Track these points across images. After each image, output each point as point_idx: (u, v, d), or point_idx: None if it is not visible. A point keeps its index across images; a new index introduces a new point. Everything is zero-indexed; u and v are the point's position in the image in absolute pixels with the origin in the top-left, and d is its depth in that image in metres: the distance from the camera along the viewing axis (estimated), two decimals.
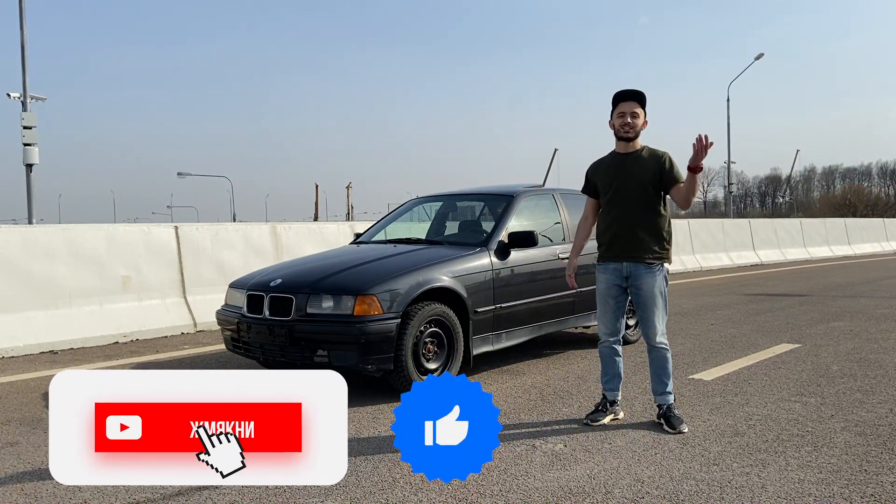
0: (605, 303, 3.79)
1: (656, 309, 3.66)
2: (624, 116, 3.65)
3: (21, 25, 14.98)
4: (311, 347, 4.21)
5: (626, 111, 3.65)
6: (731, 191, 37.17)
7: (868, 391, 4.35)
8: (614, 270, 3.72)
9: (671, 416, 3.65)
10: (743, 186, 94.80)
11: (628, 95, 3.67)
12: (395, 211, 6.39)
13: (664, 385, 3.72)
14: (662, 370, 3.72)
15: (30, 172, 15.54)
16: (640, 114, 3.67)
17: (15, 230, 6.49)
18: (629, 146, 3.72)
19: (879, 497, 2.73)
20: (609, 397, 3.84)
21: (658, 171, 3.64)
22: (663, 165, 3.65)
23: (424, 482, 2.91)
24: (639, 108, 3.66)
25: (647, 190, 3.65)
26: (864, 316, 7.72)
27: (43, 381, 4.94)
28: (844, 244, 21.43)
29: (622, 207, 3.68)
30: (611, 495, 2.77)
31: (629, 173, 3.68)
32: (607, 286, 3.76)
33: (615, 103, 3.70)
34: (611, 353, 3.84)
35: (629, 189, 3.66)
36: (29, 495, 2.85)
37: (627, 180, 3.67)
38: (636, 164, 3.68)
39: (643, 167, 3.66)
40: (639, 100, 3.67)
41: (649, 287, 3.64)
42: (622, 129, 3.67)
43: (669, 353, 3.75)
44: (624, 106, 3.66)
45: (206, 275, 7.48)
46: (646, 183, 3.64)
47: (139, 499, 2.78)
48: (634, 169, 3.67)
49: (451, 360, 4.50)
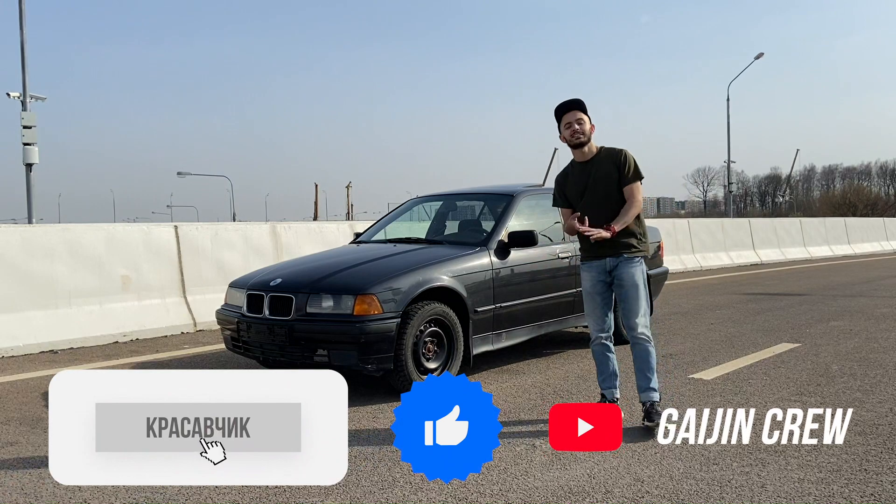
0: (591, 300, 3.87)
1: (638, 299, 3.74)
2: (571, 126, 3.74)
3: (21, 25, 14.97)
4: (310, 347, 4.21)
5: (571, 120, 3.74)
6: (730, 190, 37.17)
7: (868, 391, 4.35)
8: (598, 267, 3.81)
9: (653, 412, 3.63)
10: (743, 186, 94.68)
11: (568, 106, 3.77)
12: (394, 210, 6.39)
13: (648, 380, 3.72)
14: (646, 364, 3.74)
15: (30, 172, 15.53)
16: (584, 119, 3.75)
17: (15, 230, 6.49)
18: (586, 153, 3.82)
19: (879, 497, 2.73)
20: (608, 396, 3.87)
21: (616, 170, 3.76)
22: (620, 163, 3.76)
23: (425, 482, 2.91)
24: (581, 114, 3.75)
25: (614, 191, 3.76)
26: (864, 315, 7.72)
27: (43, 381, 4.94)
28: (844, 244, 21.42)
29: (595, 212, 3.74)
30: (611, 495, 2.77)
31: (593, 179, 3.79)
32: (592, 283, 3.84)
33: (558, 117, 3.80)
34: (603, 351, 3.88)
35: (598, 194, 3.78)
36: (29, 495, 2.85)
37: (594, 186, 3.78)
38: (597, 168, 3.79)
39: (605, 170, 3.78)
40: (579, 107, 3.76)
41: (630, 277, 3.73)
42: (573, 138, 3.76)
43: (653, 347, 3.77)
44: (567, 117, 3.76)
45: (205, 274, 7.48)
46: (611, 185, 3.76)
47: (139, 499, 2.78)
48: (597, 174, 3.79)
49: (450, 360, 4.50)
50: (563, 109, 3.78)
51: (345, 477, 2.93)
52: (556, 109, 3.80)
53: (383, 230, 6.05)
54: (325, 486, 2.85)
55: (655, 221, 13.97)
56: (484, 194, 6.02)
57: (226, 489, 2.86)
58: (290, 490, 2.84)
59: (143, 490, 2.86)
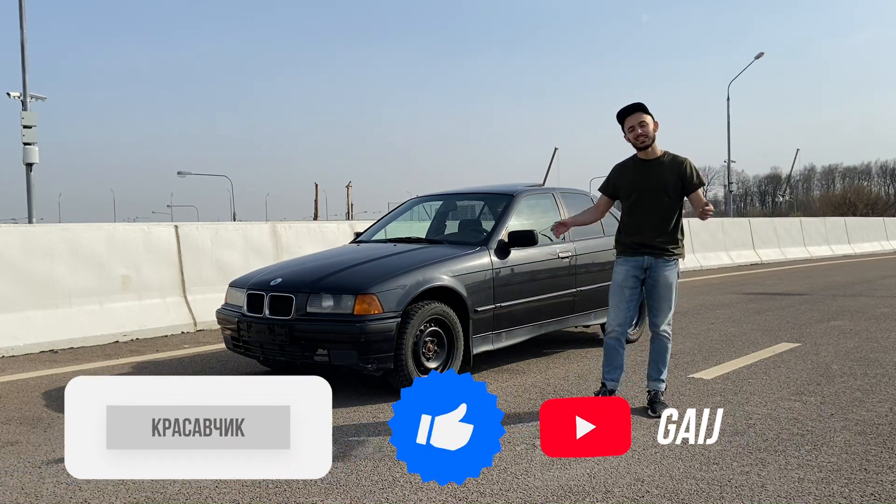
0: (620, 292, 3.98)
1: (668, 299, 3.92)
2: (634, 129, 3.87)
3: (21, 25, 14.97)
4: (311, 347, 4.21)
5: (634, 123, 3.87)
6: (731, 190, 37.16)
7: (868, 390, 4.35)
8: (634, 263, 3.95)
9: (657, 401, 3.90)
10: (743, 185, 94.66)
11: (631, 110, 3.89)
12: (395, 210, 6.39)
13: (659, 372, 3.97)
14: (661, 358, 3.97)
15: (30, 172, 15.53)
16: (647, 121, 3.88)
17: (15, 229, 6.49)
18: (649, 153, 3.94)
19: (879, 496, 2.73)
20: (609, 386, 4.01)
21: (679, 177, 3.90)
22: (684, 172, 3.91)
23: (424, 481, 2.91)
24: (644, 115, 3.88)
25: (669, 195, 3.90)
26: (864, 315, 7.72)
27: (43, 381, 4.95)
28: (844, 243, 21.42)
29: (645, 210, 3.92)
30: (611, 495, 2.77)
31: (652, 180, 3.92)
32: (625, 276, 3.96)
33: (621, 121, 3.94)
34: (616, 345, 4.00)
35: (652, 195, 3.91)
36: (29, 495, 2.85)
37: (650, 186, 3.92)
38: (658, 170, 3.92)
39: (665, 174, 3.91)
40: (641, 109, 3.89)
41: (665, 279, 3.90)
42: (638, 141, 3.89)
43: (671, 344, 4.00)
44: (630, 120, 3.88)
45: (206, 274, 7.48)
46: (668, 189, 3.90)
47: (139, 499, 2.79)
48: (657, 176, 3.91)
49: (451, 360, 4.50)
50: (625, 113, 3.91)
51: (345, 476, 2.95)
52: (619, 114, 3.93)
53: (383, 230, 6.05)
54: (325, 486, 2.86)
55: None
56: (484, 194, 6.02)
57: (225, 489, 2.86)
58: (289, 490, 2.84)
59: (144, 489, 2.87)
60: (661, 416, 3.58)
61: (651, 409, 3.87)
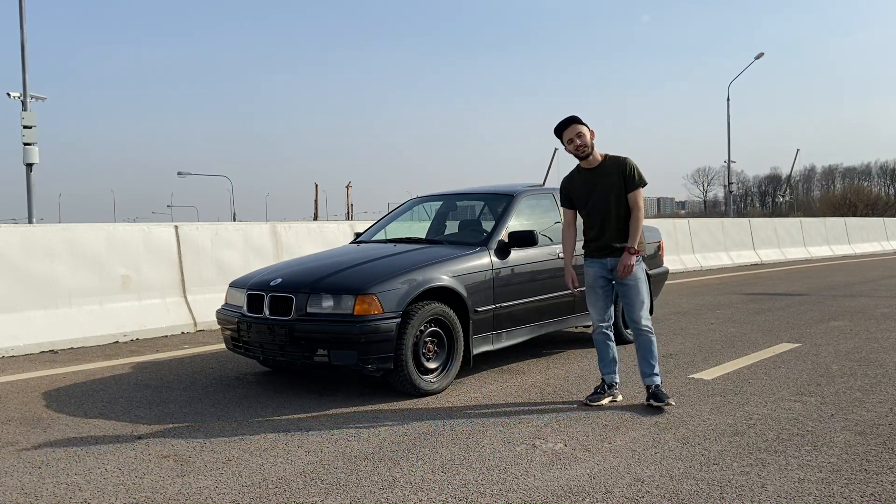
0: (593, 293, 4.18)
1: (639, 294, 4.05)
2: (573, 141, 4.04)
3: (21, 25, 14.97)
4: (311, 347, 4.21)
5: (573, 135, 4.03)
6: (731, 190, 37.18)
7: (868, 390, 4.35)
8: (600, 265, 4.13)
9: (658, 392, 4.01)
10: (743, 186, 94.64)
11: (566, 123, 4.04)
12: (395, 210, 6.39)
13: (651, 367, 4.07)
14: (648, 352, 4.08)
15: (30, 172, 15.54)
16: (584, 132, 4.03)
17: (15, 230, 6.49)
18: (591, 161, 4.10)
19: (879, 497, 2.73)
20: (607, 381, 4.16)
21: (621, 177, 4.04)
22: (625, 170, 4.04)
23: (425, 482, 2.92)
24: (580, 126, 4.03)
25: (618, 197, 4.04)
26: (864, 315, 7.72)
27: (43, 381, 4.95)
28: (844, 244, 21.42)
29: (599, 216, 4.08)
30: (611, 495, 2.77)
31: (599, 186, 4.07)
32: (594, 278, 4.16)
33: (559, 135, 4.09)
34: (604, 339, 4.18)
35: (602, 200, 4.06)
36: (29, 495, 2.85)
37: (599, 193, 4.07)
38: (603, 176, 4.07)
39: (609, 178, 4.06)
40: (576, 121, 4.05)
41: (632, 276, 4.03)
42: (578, 151, 4.06)
43: (654, 336, 4.12)
44: (568, 133, 4.04)
45: (206, 274, 7.48)
46: (615, 191, 4.04)
47: (139, 499, 2.78)
48: (603, 181, 4.06)
49: (451, 360, 4.50)
50: (561, 128, 4.06)
51: (345, 476, 2.95)
52: (556, 129, 4.08)
53: (383, 230, 6.05)
54: (324, 486, 2.86)
55: (655, 221, 13.97)
56: (484, 194, 6.02)
57: (225, 489, 2.86)
58: (289, 490, 2.84)
59: (144, 489, 2.86)
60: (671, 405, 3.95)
61: (656, 401, 3.98)
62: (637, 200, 4.03)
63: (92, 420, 3.92)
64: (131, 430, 3.71)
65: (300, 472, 3.05)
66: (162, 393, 4.55)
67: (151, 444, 3.46)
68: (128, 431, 3.69)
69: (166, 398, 4.40)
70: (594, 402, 4.07)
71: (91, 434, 3.64)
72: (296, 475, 3.02)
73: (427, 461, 3.17)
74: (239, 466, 3.13)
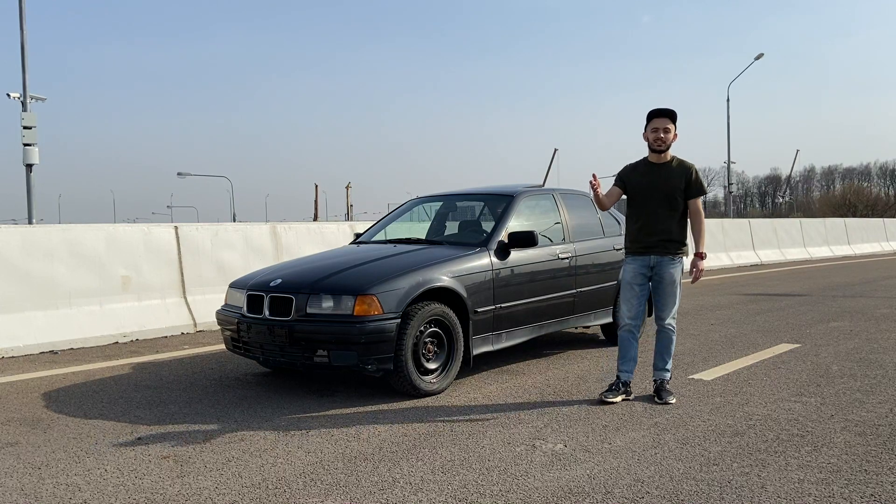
0: (630, 289, 4.24)
1: (672, 294, 4.20)
2: (657, 132, 4.10)
3: (21, 25, 14.98)
4: (311, 347, 4.21)
5: (659, 127, 4.13)
6: (730, 191, 37.16)
7: (868, 391, 4.35)
8: (642, 261, 4.20)
9: (662, 389, 4.17)
10: (743, 186, 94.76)
11: (661, 113, 4.12)
12: (395, 211, 6.39)
13: (665, 362, 4.24)
14: (666, 349, 4.25)
15: (30, 172, 15.54)
16: (671, 129, 4.11)
17: (15, 230, 6.49)
18: (661, 157, 4.18)
19: (879, 497, 2.73)
20: (623, 378, 4.23)
21: (685, 182, 4.12)
22: (690, 177, 4.13)
23: (424, 482, 2.92)
24: (670, 124, 4.10)
25: (674, 198, 4.13)
26: (863, 316, 7.72)
27: (43, 381, 4.95)
28: (844, 244, 21.42)
29: (651, 211, 4.15)
30: (611, 495, 2.77)
31: (659, 183, 4.13)
32: (633, 274, 4.23)
33: (649, 119, 4.15)
34: (629, 337, 4.27)
35: (658, 197, 4.13)
36: (29, 495, 2.85)
37: (657, 189, 4.13)
38: (666, 174, 4.14)
39: (672, 178, 4.13)
40: (670, 117, 4.11)
41: (670, 276, 4.18)
42: (655, 143, 4.13)
43: (675, 336, 4.29)
44: (657, 122, 4.12)
45: (206, 275, 7.48)
46: (674, 192, 4.12)
47: (139, 499, 2.78)
48: (664, 179, 4.13)
49: (451, 361, 4.50)
50: (655, 114, 4.13)
51: (345, 476, 2.95)
52: (650, 113, 4.14)
53: (383, 230, 6.05)
54: (324, 486, 2.86)
55: None
56: (484, 195, 6.01)
57: (225, 489, 2.86)
58: (289, 490, 2.84)
59: (144, 489, 2.86)
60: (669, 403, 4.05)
61: (658, 397, 4.13)
62: (699, 207, 4.16)
63: (92, 420, 3.91)
64: (131, 431, 3.71)
65: (300, 473, 3.05)
66: (162, 393, 4.55)
67: (151, 445, 3.46)
68: (127, 432, 3.69)
69: (166, 399, 4.40)
70: (607, 398, 4.11)
71: (91, 435, 3.64)
72: (296, 476, 3.02)
73: (427, 461, 3.17)
74: (239, 467, 3.13)
